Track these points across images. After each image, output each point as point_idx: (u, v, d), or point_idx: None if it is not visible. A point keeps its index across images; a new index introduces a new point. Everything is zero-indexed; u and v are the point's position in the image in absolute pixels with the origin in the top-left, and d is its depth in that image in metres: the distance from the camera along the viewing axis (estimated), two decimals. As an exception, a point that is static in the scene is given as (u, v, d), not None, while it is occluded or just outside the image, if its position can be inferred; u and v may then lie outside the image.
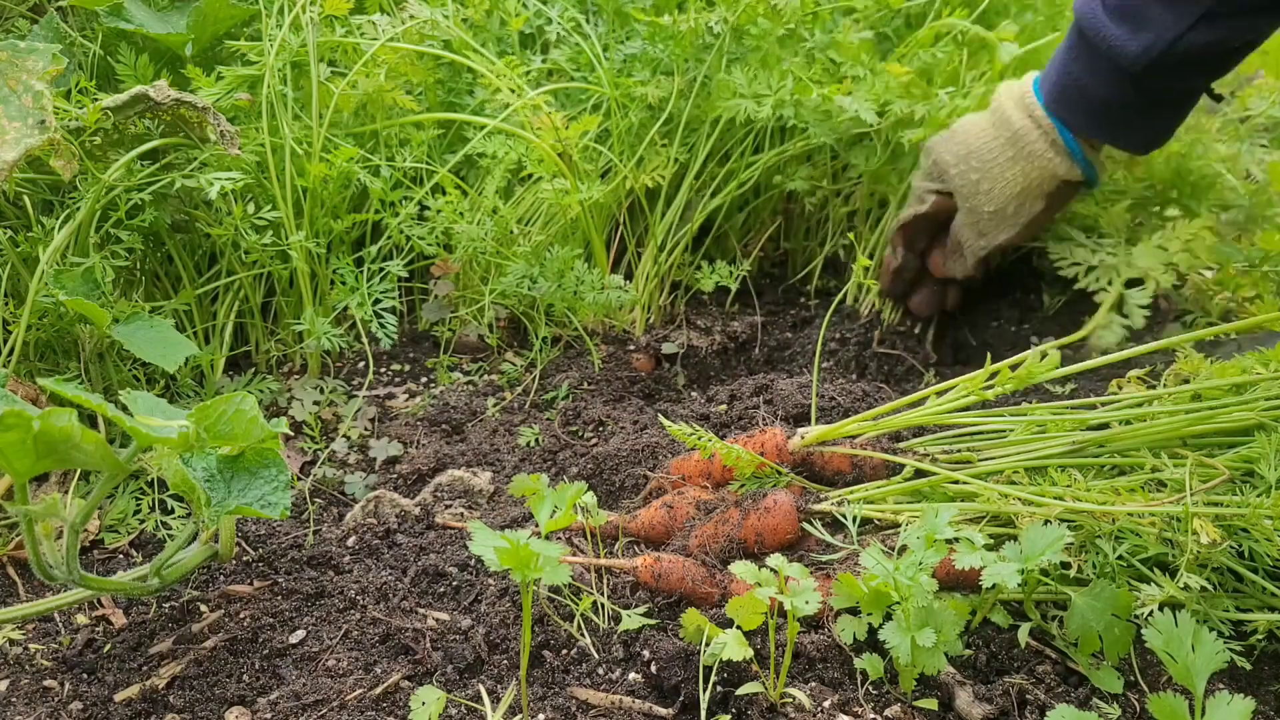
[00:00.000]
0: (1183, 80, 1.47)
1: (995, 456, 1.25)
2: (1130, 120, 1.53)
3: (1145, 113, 1.51)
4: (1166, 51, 1.40)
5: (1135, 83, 1.46)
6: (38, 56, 1.39)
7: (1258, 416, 1.16)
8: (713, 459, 1.32)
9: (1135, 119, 1.53)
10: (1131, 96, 1.48)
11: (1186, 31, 1.38)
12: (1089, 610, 1.04)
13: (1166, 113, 1.54)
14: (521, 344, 1.85)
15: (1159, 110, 1.52)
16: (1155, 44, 1.40)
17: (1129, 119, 1.53)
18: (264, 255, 1.63)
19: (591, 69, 1.85)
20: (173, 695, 1.12)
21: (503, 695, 1.06)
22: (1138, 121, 1.53)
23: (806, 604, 0.98)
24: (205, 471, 1.14)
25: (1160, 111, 1.52)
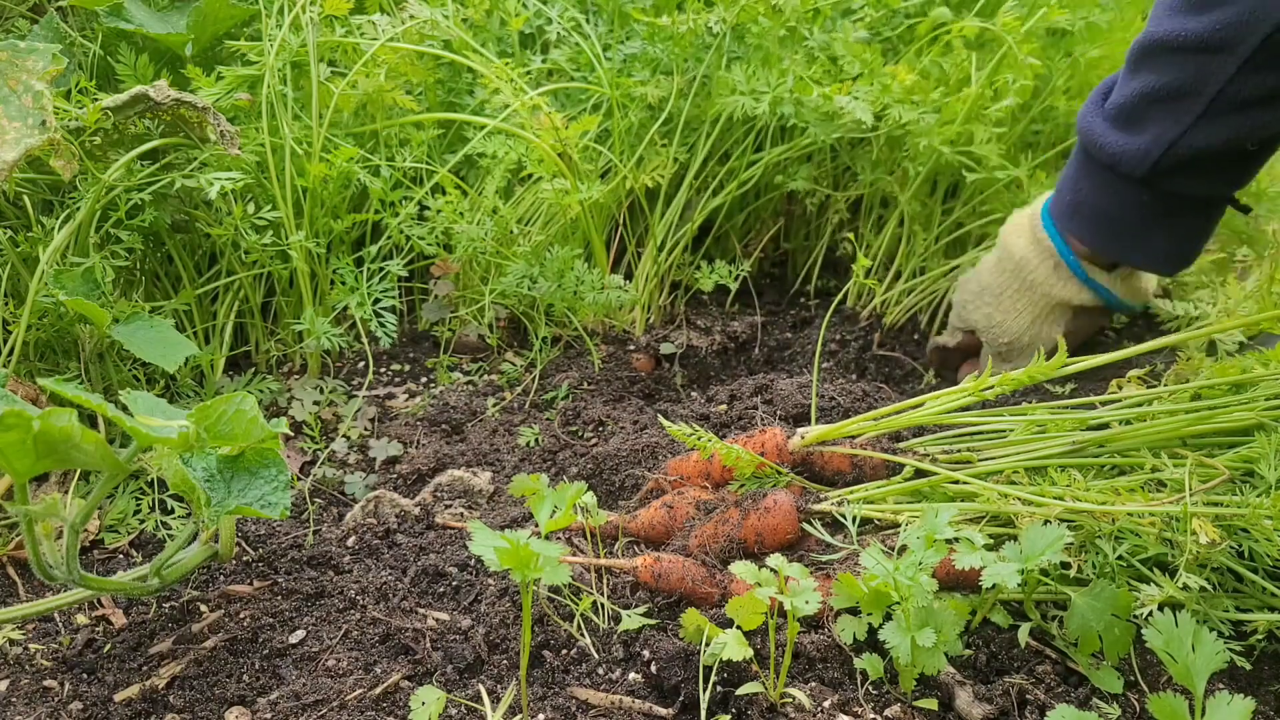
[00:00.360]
0: (1193, 186, 1.43)
1: (995, 456, 1.25)
2: (1144, 234, 1.48)
3: (1160, 225, 1.47)
4: (1167, 153, 1.38)
5: (1142, 191, 1.43)
6: (38, 56, 1.39)
7: (1258, 416, 1.16)
8: (712, 459, 1.32)
9: (1149, 232, 1.48)
10: (1141, 207, 1.45)
11: (1186, 132, 1.35)
12: (1089, 610, 1.04)
13: (1184, 225, 1.48)
14: (521, 344, 1.85)
15: (1175, 222, 1.47)
16: (1154, 147, 1.38)
17: (1142, 233, 1.48)
18: (264, 255, 1.63)
19: (591, 69, 1.85)
20: (173, 695, 1.12)
21: (503, 695, 1.06)
22: (1154, 235, 1.48)
23: (806, 604, 0.98)
24: (205, 471, 1.14)
25: (1176, 223, 1.47)
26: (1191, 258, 1.53)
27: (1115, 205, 1.47)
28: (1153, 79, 1.37)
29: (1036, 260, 1.59)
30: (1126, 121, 1.42)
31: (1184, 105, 1.35)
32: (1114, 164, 1.43)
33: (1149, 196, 1.44)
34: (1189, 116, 1.35)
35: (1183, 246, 1.51)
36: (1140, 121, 1.40)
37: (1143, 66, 1.39)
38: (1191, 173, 1.41)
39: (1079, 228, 1.53)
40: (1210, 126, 1.35)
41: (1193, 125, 1.35)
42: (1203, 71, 1.31)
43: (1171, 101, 1.36)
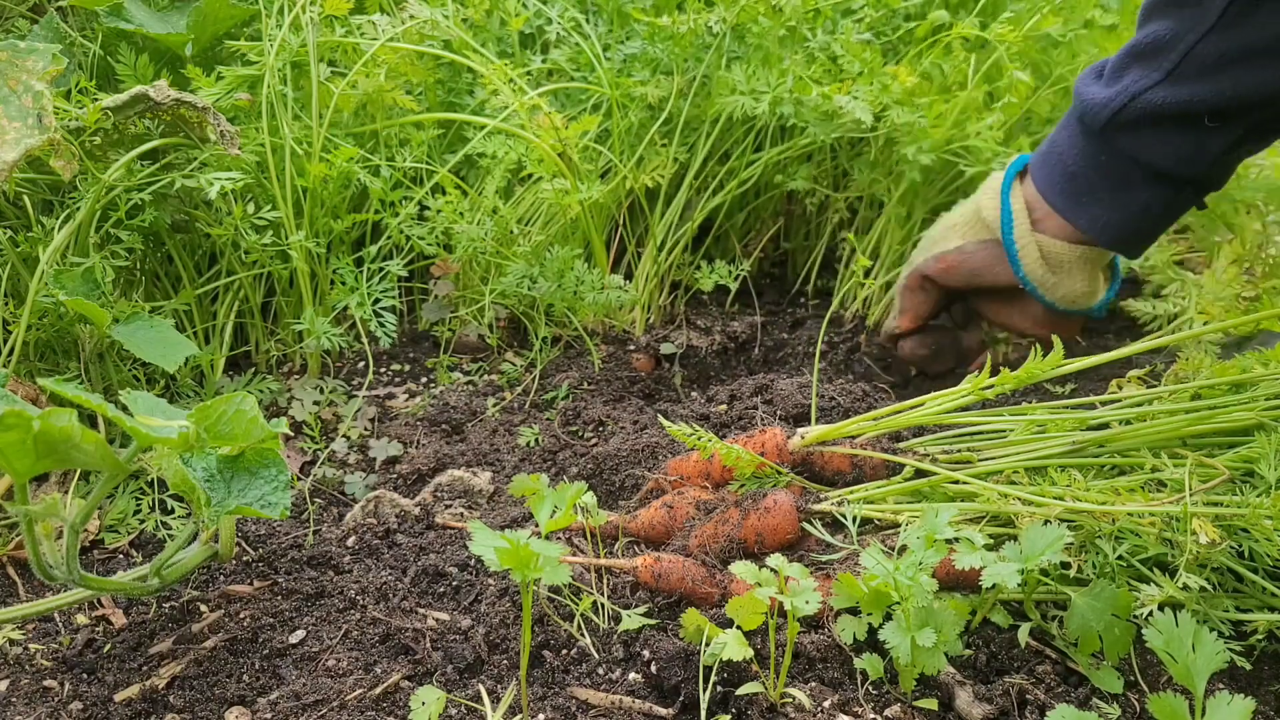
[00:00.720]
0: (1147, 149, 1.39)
1: (995, 456, 1.25)
2: (1093, 194, 1.46)
3: (1110, 190, 1.45)
4: (1126, 106, 1.37)
5: (1100, 148, 1.42)
6: (38, 56, 1.39)
7: (1258, 416, 1.16)
8: (712, 459, 1.32)
9: (1098, 195, 1.46)
10: (1097, 165, 1.44)
11: (1153, 86, 1.35)
12: (1089, 610, 1.04)
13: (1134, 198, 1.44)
14: (521, 344, 1.85)
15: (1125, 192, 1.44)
16: (1118, 97, 1.38)
17: (1091, 191, 1.46)
18: (264, 255, 1.63)
19: (591, 69, 1.85)
20: (173, 695, 1.12)
21: (503, 695, 1.06)
22: (1101, 199, 1.46)
23: (806, 604, 0.98)
24: (205, 471, 1.14)
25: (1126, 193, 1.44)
26: (1135, 240, 1.49)
27: (1073, 155, 1.46)
28: (1141, 35, 1.37)
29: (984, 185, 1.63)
30: (1109, 75, 1.42)
31: (1156, 61, 1.35)
32: (1081, 114, 1.43)
33: (1104, 154, 1.43)
34: (1158, 73, 1.35)
35: (1125, 219, 1.46)
36: (1118, 75, 1.40)
37: (1140, 25, 1.40)
38: (1146, 133, 1.38)
39: (1037, 169, 1.53)
40: (1175, 85, 1.34)
41: (1160, 81, 1.34)
42: (1180, 26, 1.31)
43: (1148, 56, 1.36)
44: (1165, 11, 1.33)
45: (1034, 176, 1.54)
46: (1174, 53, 1.32)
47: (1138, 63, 1.37)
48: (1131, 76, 1.37)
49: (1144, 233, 1.48)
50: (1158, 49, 1.34)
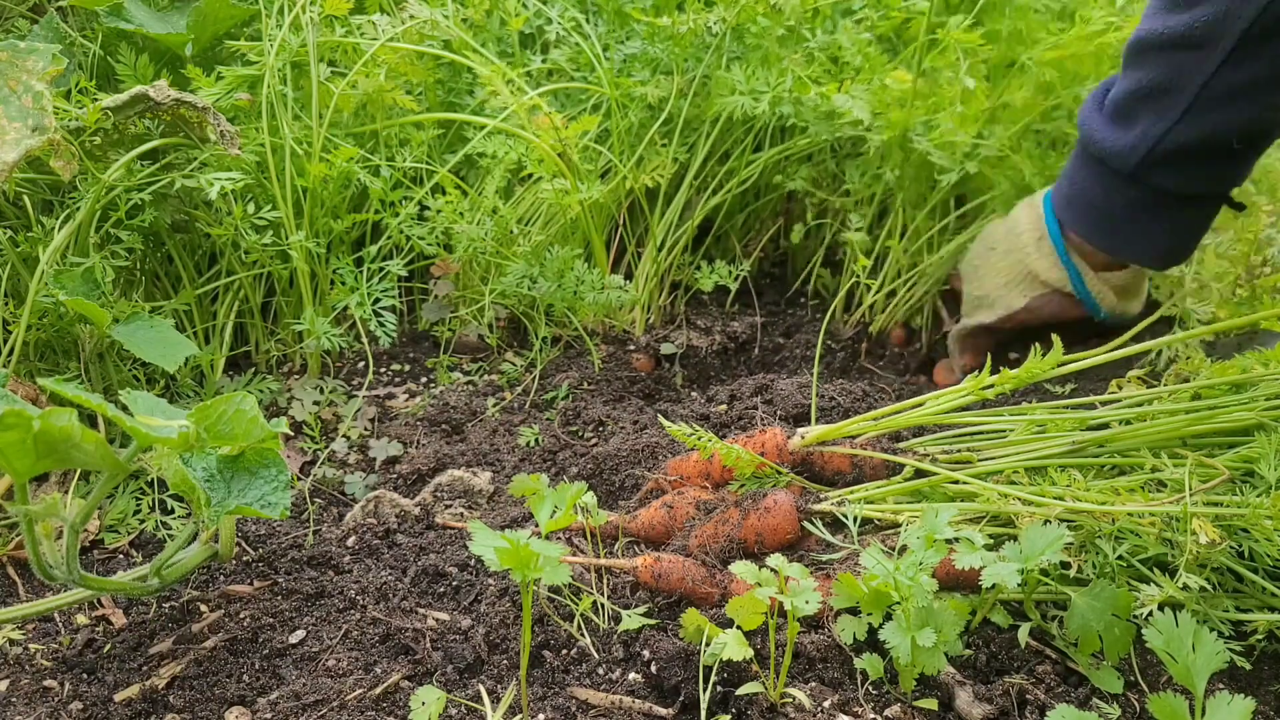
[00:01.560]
0: (1179, 182, 1.45)
1: (995, 456, 1.25)
2: (1133, 228, 1.51)
3: (1148, 220, 1.49)
4: (1153, 149, 1.41)
5: (1130, 186, 1.46)
6: (38, 56, 1.39)
7: (1257, 416, 1.16)
8: (712, 459, 1.32)
9: (1138, 227, 1.51)
10: (1129, 202, 1.48)
11: (1171, 128, 1.38)
12: (1089, 610, 1.04)
13: (1173, 221, 1.50)
14: (521, 344, 1.85)
15: (1163, 218, 1.49)
16: (1142, 141, 1.41)
17: (1131, 227, 1.51)
18: (264, 255, 1.63)
19: (591, 69, 1.85)
20: (173, 695, 1.12)
21: (503, 695, 1.06)
22: (1142, 230, 1.51)
23: (806, 604, 0.98)
24: (205, 471, 1.14)
25: (1165, 219, 1.50)
26: (1182, 255, 1.55)
27: (1105, 199, 1.51)
28: (1141, 76, 1.40)
29: (1026, 226, 1.65)
30: (1117, 118, 1.45)
31: (1168, 101, 1.38)
32: (1105, 158, 1.47)
33: (1136, 192, 1.47)
34: (1174, 112, 1.38)
35: (1172, 242, 1.53)
36: (1129, 118, 1.43)
37: (1132, 64, 1.42)
38: (1177, 168, 1.43)
39: (1073, 219, 1.58)
40: (1194, 122, 1.37)
41: (1178, 121, 1.38)
42: (1185, 68, 1.34)
43: (1157, 98, 1.39)
44: (1165, 53, 1.36)
45: (1067, 223, 1.59)
46: (1185, 93, 1.36)
47: (1147, 105, 1.40)
48: (1147, 120, 1.41)
49: (1190, 245, 1.55)
50: (1165, 90, 1.37)
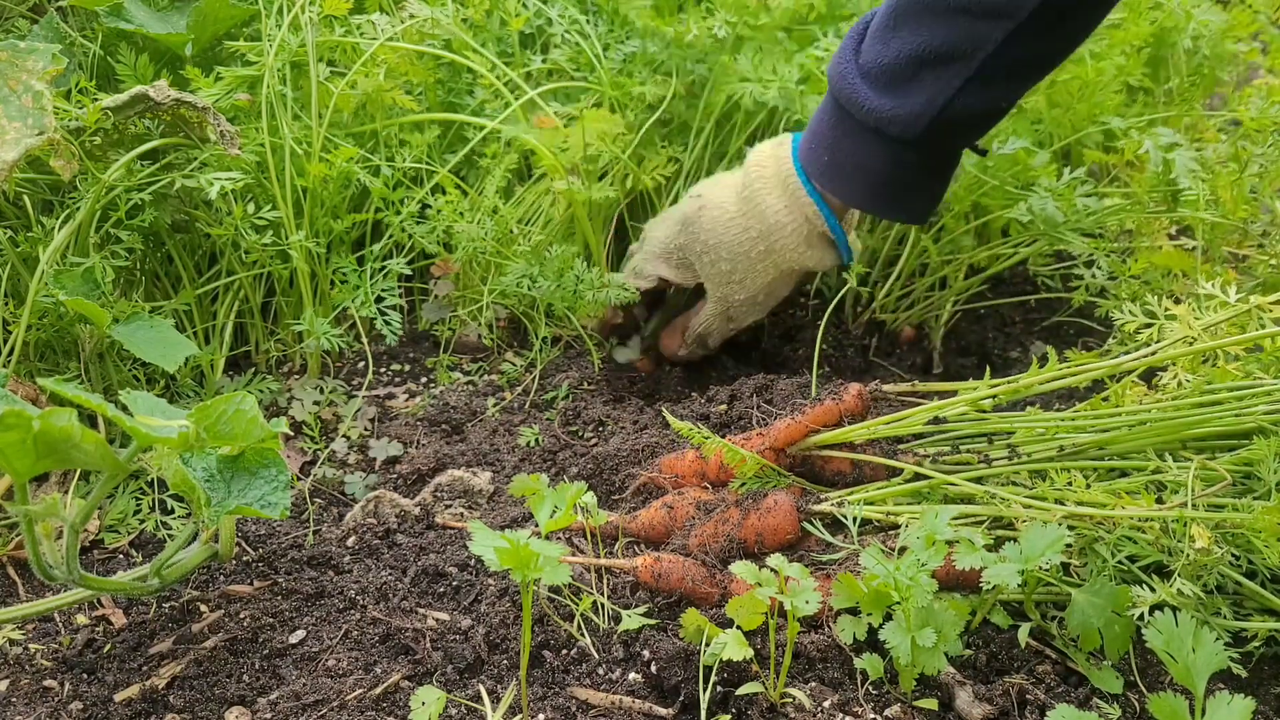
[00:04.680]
0: (960, 142, 1.44)
1: (996, 459, 1.25)
2: (912, 191, 1.47)
3: (923, 180, 1.46)
4: (939, 116, 1.35)
5: (911, 149, 1.40)
6: (38, 56, 1.39)
7: (1257, 420, 1.16)
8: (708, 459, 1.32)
9: (917, 189, 1.47)
10: (910, 166, 1.43)
11: (956, 94, 1.33)
12: (1089, 607, 1.04)
13: (941, 177, 1.48)
14: (521, 344, 1.85)
15: (935, 175, 1.47)
16: (927, 109, 1.35)
17: (910, 190, 1.46)
18: (264, 255, 1.63)
19: (592, 69, 1.85)
20: (173, 695, 1.12)
21: (503, 695, 1.06)
22: (917, 190, 1.47)
23: (806, 604, 0.98)
24: (205, 471, 1.14)
25: (937, 177, 1.47)
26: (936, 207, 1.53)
27: (883, 165, 1.42)
28: (921, 39, 1.32)
29: (791, 227, 1.53)
30: (891, 83, 1.37)
31: (954, 68, 1.32)
32: (882, 126, 1.39)
33: (918, 156, 1.41)
34: (958, 80, 1.32)
35: (936, 196, 1.50)
36: (908, 85, 1.35)
37: (907, 25, 1.34)
38: (960, 132, 1.40)
39: (844, 189, 1.48)
40: (980, 90, 1.33)
41: (963, 88, 1.32)
42: (975, 34, 1.29)
43: (941, 64, 1.32)
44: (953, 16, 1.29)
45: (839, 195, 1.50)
46: (972, 61, 1.30)
47: (930, 70, 1.33)
48: (930, 86, 1.34)
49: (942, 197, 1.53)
50: (951, 56, 1.31)
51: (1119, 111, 1.83)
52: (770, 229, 1.54)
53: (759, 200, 1.54)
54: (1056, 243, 1.71)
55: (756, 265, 1.57)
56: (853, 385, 1.31)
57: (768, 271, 1.57)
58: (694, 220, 1.60)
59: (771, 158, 1.55)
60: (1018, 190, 1.72)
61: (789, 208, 1.52)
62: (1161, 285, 1.64)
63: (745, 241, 1.56)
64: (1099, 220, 1.70)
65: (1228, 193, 1.59)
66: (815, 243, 1.54)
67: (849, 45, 1.43)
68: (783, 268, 1.57)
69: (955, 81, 1.32)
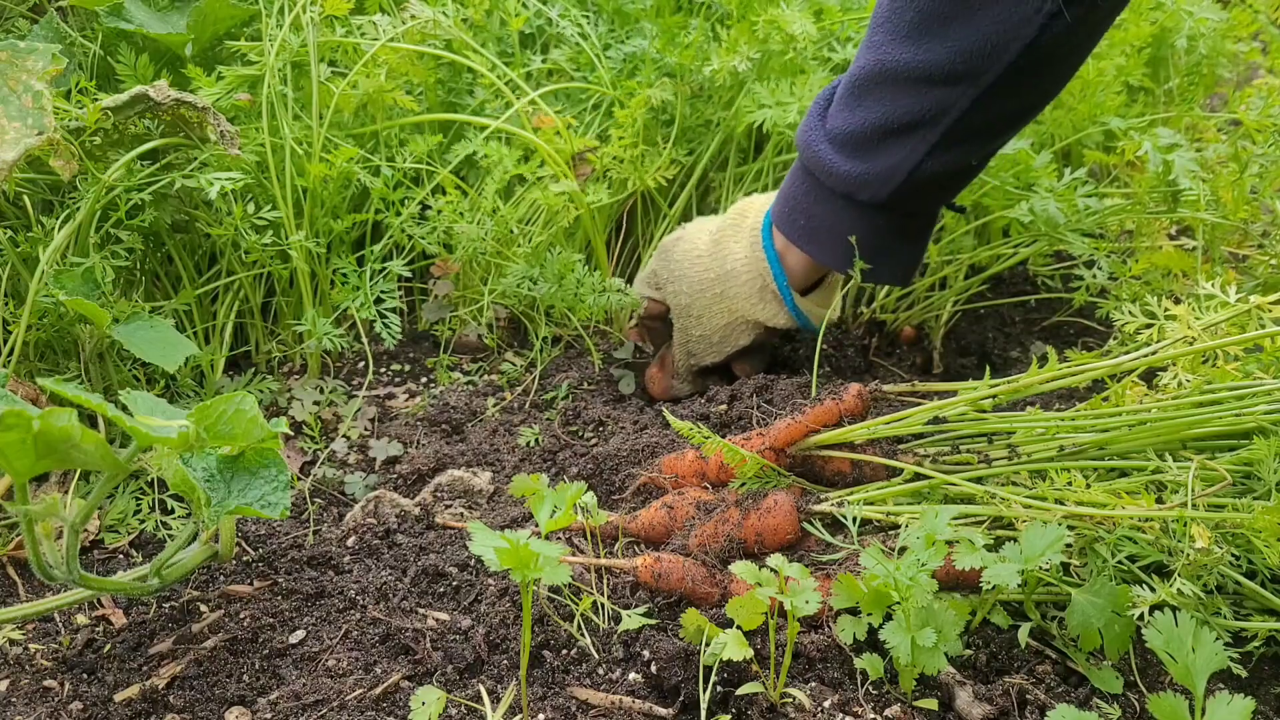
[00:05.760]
0: (929, 204, 1.44)
1: (996, 459, 1.25)
2: (886, 252, 1.46)
3: (895, 243, 1.46)
4: (905, 182, 1.35)
5: (881, 213, 1.41)
6: (38, 56, 1.39)
7: (1257, 420, 1.16)
8: (708, 459, 1.32)
9: (888, 251, 1.46)
10: (880, 229, 1.43)
11: (923, 160, 1.33)
12: (1089, 607, 1.04)
13: (914, 239, 1.48)
14: (521, 344, 1.85)
15: (907, 237, 1.47)
16: (893, 175, 1.35)
17: (882, 252, 1.46)
18: (264, 255, 1.63)
19: (592, 69, 1.85)
20: (173, 695, 1.12)
21: (503, 695, 1.06)
22: (892, 253, 1.47)
23: (806, 604, 0.98)
24: (205, 471, 1.14)
25: (908, 238, 1.47)
26: (918, 267, 1.54)
27: (853, 229, 1.43)
28: (886, 109, 1.33)
29: (745, 277, 1.55)
30: (858, 150, 1.37)
31: (920, 134, 1.32)
32: (851, 192, 1.40)
33: (888, 219, 1.42)
34: (924, 145, 1.32)
35: (917, 258, 1.51)
36: (874, 152, 1.36)
37: (871, 94, 1.34)
38: (930, 194, 1.41)
39: (819, 251, 1.49)
40: (947, 153, 1.33)
41: (929, 153, 1.33)
42: (939, 101, 1.28)
43: (906, 132, 1.32)
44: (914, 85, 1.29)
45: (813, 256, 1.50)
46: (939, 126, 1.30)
47: (895, 138, 1.33)
48: (896, 152, 1.34)
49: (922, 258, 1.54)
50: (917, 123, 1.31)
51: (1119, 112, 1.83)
52: (727, 274, 1.56)
53: (725, 245, 1.57)
54: (1057, 243, 1.71)
55: (712, 306, 1.59)
56: (853, 385, 1.31)
57: (721, 315, 1.59)
58: (669, 249, 1.64)
59: (753, 210, 1.58)
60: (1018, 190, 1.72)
61: (748, 258, 1.55)
62: (1162, 285, 1.64)
63: (704, 280, 1.58)
64: (1099, 221, 1.70)
65: (1229, 193, 1.59)
66: (768, 298, 1.56)
67: (816, 111, 1.44)
68: (736, 314, 1.58)
69: (921, 147, 1.32)
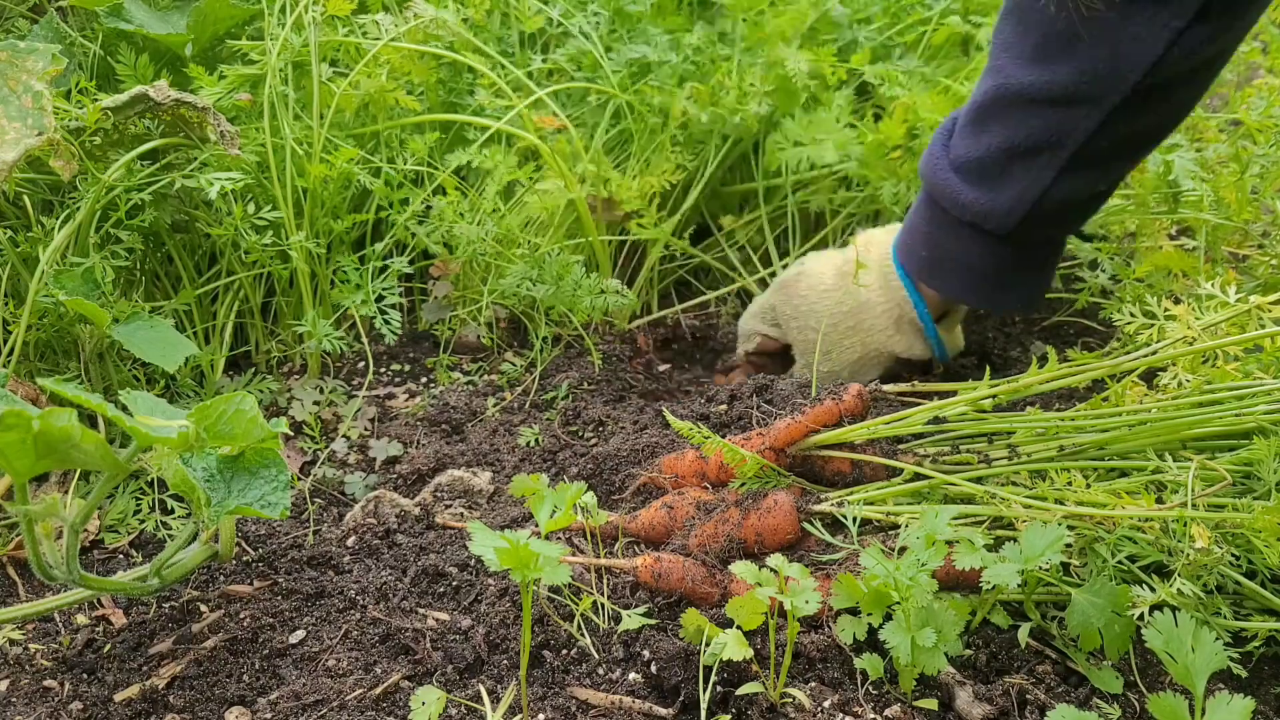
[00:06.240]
0: (1057, 232, 1.43)
1: (996, 459, 1.25)
2: (1012, 282, 1.46)
3: (1022, 271, 1.45)
4: (1033, 210, 1.34)
5: (1007, 243, 1.40)
6: (38, 56, 1.39)
7: (1257, 420, 1.16)
8: (708, 459, 1.32)
9: (1017, 280, 1.46)
10: (1006, 258, 1.42)
11: (1050, 186, 1.31)
12: (1089, 607, 1.04)
13: (1041, 266, 1.47)
14: (521, 344, 1.85)
15: (1035, 265, 1.46)
16: (1019, 204, 1.33)
17: (1010, 281, 1.45)
18: (264, 255, 1.63)
19: (594, 69, 1.85)
20: (173, 695, 1.12)
21: (503, 695, 1.06)
22: (1016, 281, 1.46)
23: (806, 604, 0.98)
24: (205, 471, 1.14)
25: (1035, 266, 1.46)
26: (1043, 295, 1.53)
27: (980, 259, 1.42)
28: (1010, 133, 1.31)
29: (881, 309, 1.54)
30: (983, 177, 1.36)
31: (1045, 159, 1.30)
32: (978, 221, 1.38)
33: (1015, 249, 1.41)
34: (1051, 171, 1.30)
35: (1044, 285, 1.50)
36: (1000, 178, 1.34)
37: (995, 118, 1.32)
38: (1055, 221, 1.39)
39: (943, 284, 1.48)
40: (1074, 178, 1.31)
41: (1056, 179, 1.31)
42: (1065, 124, 1.27)
43: (1032, 156, 1.31)
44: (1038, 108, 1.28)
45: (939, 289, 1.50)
46: (1064, 150, 1.29)
47: (1020, 163, 1.32)
48: (1022, 179, 1.33)
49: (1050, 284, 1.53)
50: (1041, 147, 1.30)
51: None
52: (860, 306, 1.54)
53: (855, 277, 1.55)
54: None
55: (844, 340, 1.58)
56: (853, 385, 1.31)
57: (854, 349, 1.58)
58: (790, 285, 1.63)
59: (877, 243, 1.57)
60: None
61: (882, 289, 1.53)
62: (1163, 286, 1.64)
63: (836, 314, 1.56)
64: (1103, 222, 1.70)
65: (1233, 195, 1.59)
66: (904, 329, 1.54)
67: (939, 140, 1.43)
68: (870, 347, 1.56)
69: (1048, 172, 1.30)
